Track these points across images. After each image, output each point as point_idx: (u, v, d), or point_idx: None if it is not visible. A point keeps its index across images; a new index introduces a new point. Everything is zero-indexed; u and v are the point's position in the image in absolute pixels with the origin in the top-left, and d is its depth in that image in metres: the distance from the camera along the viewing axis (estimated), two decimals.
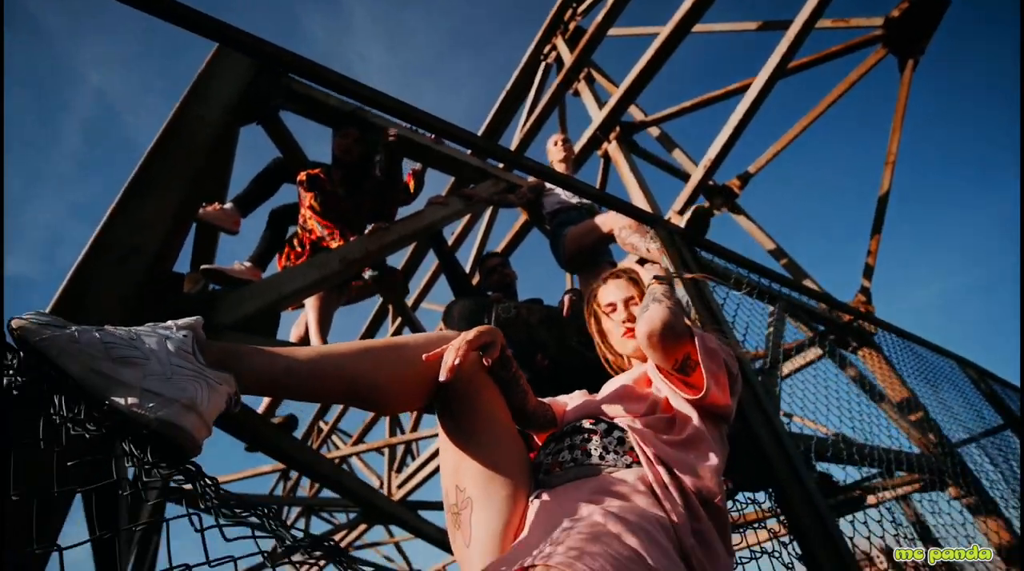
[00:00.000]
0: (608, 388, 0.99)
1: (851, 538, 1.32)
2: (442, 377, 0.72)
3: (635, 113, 3.68)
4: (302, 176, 1.85)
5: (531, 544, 0.60)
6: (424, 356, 0.74)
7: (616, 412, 0.85)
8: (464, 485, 0.74)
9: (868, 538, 1.51)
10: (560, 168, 2.79)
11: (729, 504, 1.22)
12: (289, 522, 6.71)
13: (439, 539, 3.52)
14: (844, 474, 1.99)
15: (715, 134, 2.66)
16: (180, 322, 0.60)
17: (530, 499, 0.74)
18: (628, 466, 0.74)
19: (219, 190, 2.20)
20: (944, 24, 2.96)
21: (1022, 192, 3.07)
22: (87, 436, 0.45)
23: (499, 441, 0.77)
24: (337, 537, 6.16)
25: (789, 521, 1.18)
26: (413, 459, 4.87)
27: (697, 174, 2.70)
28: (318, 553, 0.50)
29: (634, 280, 1.08)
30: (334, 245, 1.80)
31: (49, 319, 0.51)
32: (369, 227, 1.69)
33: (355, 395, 0.72)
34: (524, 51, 4.16)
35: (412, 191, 2.15)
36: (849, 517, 1.44)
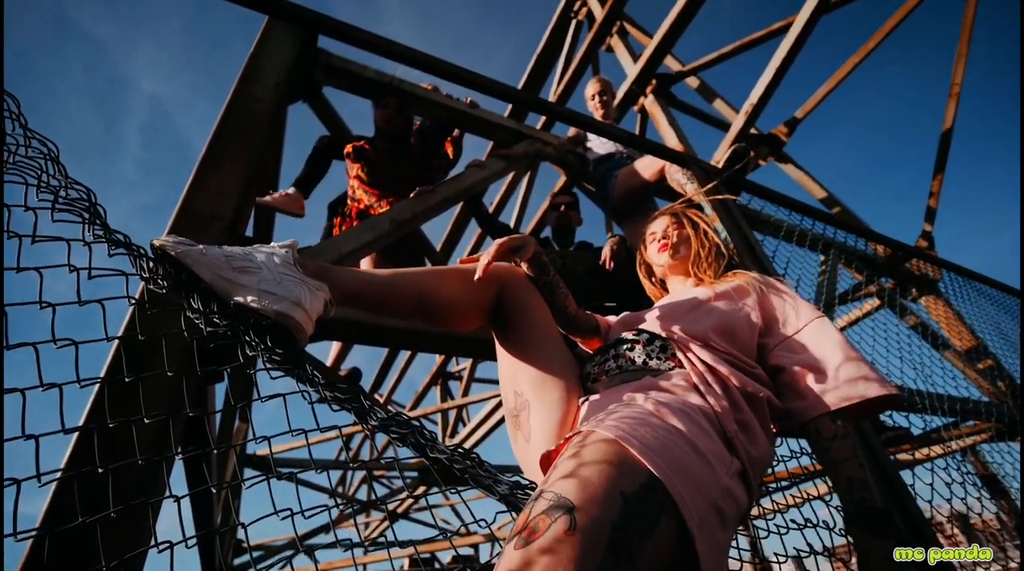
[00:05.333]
0: (653, 308, 1.00)
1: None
2: (476, 277, 0.76)
3: (672, 64, 3.56)
4: (348, 148, 1.95)
5: None
6: (460, 260, 0.81)
7: (658, 324, 0.88)
8: (521, 389, 0.81)
9: (931, 485, 1.48)
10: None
11: None
12: (351, 489, 7.19)
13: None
14: (907, 423, 1.93)
15: (758, 80, 2.55)
16: (281, 243, 0.70)
17: (580, 403, 0.79)
18: (671, 369, 0.78)
19: (274, 168, 2.34)
20: None
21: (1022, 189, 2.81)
22: (218, 329, 0.55)
23: (549, 348, 0.83)
24: (396, 501, 6.55)
25: None
26: (464, 425, 5.08)
27: (738, 122, 2.61)
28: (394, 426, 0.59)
29: (675, 216, 1.09)
30: (381, 212, 1.89)
31: (182, 239, 0.61)
32: (415, 191, 1.77)
33: (423, 308, 0.78)
34: (553, 12, 4.07)
35: (452, 157, 2.21)
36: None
